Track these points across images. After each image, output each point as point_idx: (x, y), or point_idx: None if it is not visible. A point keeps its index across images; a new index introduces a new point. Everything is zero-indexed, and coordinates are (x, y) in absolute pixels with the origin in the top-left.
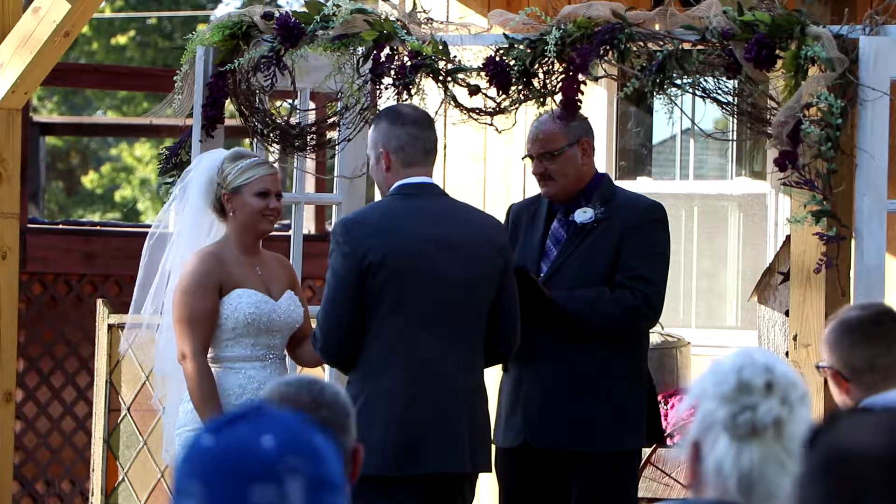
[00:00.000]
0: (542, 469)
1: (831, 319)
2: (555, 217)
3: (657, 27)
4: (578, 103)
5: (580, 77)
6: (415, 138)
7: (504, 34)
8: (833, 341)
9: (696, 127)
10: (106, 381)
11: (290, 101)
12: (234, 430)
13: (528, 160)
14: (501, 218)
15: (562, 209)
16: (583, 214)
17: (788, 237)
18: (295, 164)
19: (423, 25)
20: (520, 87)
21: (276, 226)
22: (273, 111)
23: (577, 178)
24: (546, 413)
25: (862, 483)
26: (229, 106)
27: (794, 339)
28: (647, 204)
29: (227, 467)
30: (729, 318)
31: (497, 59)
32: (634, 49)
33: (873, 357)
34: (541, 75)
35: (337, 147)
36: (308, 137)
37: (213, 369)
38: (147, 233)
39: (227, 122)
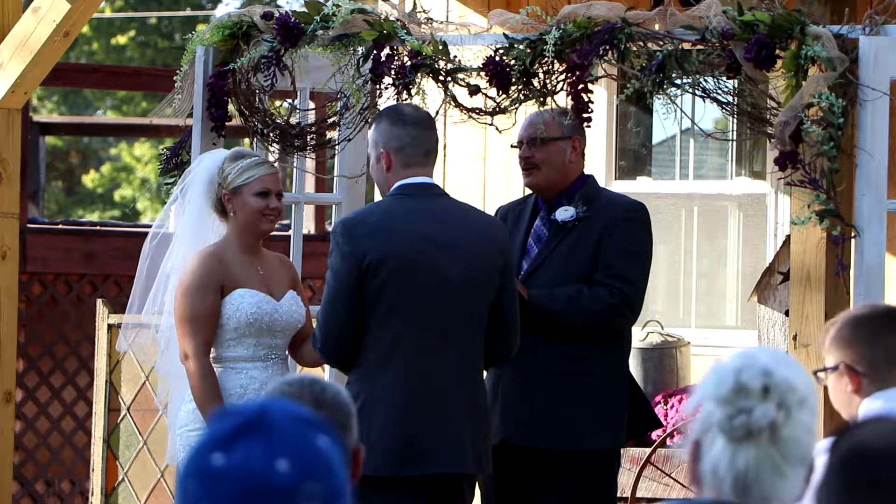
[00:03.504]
0: (521, 467)
1: (836, 321)
2: (538, 216)
3: (657, 27)
4: (589, 107)
5: (584, 78)
6: (415, 139)
7: (504, 34)
8: (848, 336)
9: (696, 127)
10: (106, 381)
11: (290, 101)
12: (244, 448)
13: (517, 149)
14: None
15: (545, 208)
16: (564, 213)
17: (788, 237)
18: (295, 164)
19: (423, 25)
20: (520, 87)
21: (276, 226)
22: (273, 111)
23: (562, 172)
24: (523, 412)
25: (877, 474)
26: (229, 105)
27: (794, 338)
28: (628, 203)
29: (243, 496)
30: (729, 318)
31: (497, 58)
32: (634, 49)
33: (893, 348)
34: (541, 75)
35: (337, 147)
36: (308, 137)
37: (214, 369)
38: (147, 233)
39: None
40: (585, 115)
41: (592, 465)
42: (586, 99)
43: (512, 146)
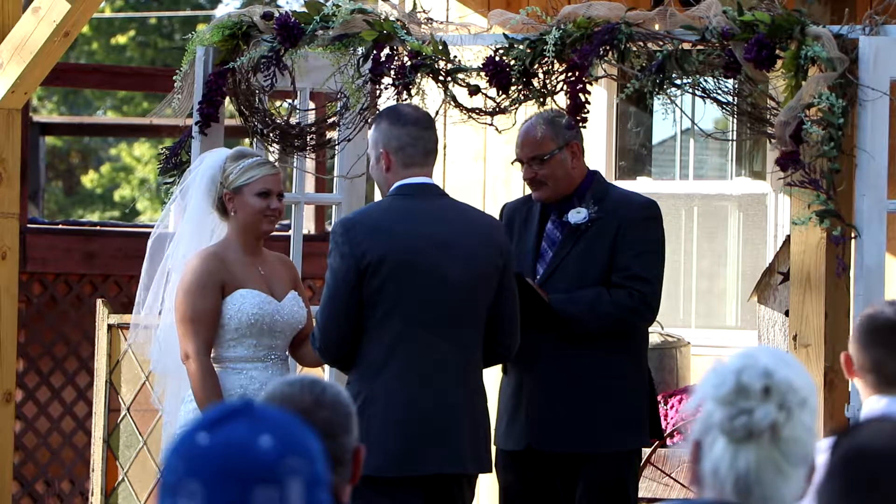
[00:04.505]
0: (545, 471)
1: (868, 308)
2: (548, 218)
3: (657, 27)
4: (587, 106)
5: (583, 78)
6: (415, 139)
7: (504, 34)
8: (855, 332)
9: (696, 127)
10: (106, 381)
11: (290, 101)
12: (229, 428)
13: (517, 164)
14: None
15: (555, 210)
16: (577, 215)
17: (788, 237)
18: (295, 164)
19: (422, 25)
20: (520, 87)
21: (276, 226)
22: (273, 111)
23: (568, 181)
24: (549, 416)
25: (878, 473)
26: (229, 105)
27: (794, 339)
28: (642, 202)
29: (227, 468)
30: (729, 318)
31: (497, 59)
32: (634, 49)
33: (880, 362)
34: (541, 75)
35: (337, 147)
36: (308, 137)
37: (215, 369)
38: (147, 233)
39: (228, 122)
40: (581, 116)
41: (616, 466)
42: (584, 99)
43: (512, 163)
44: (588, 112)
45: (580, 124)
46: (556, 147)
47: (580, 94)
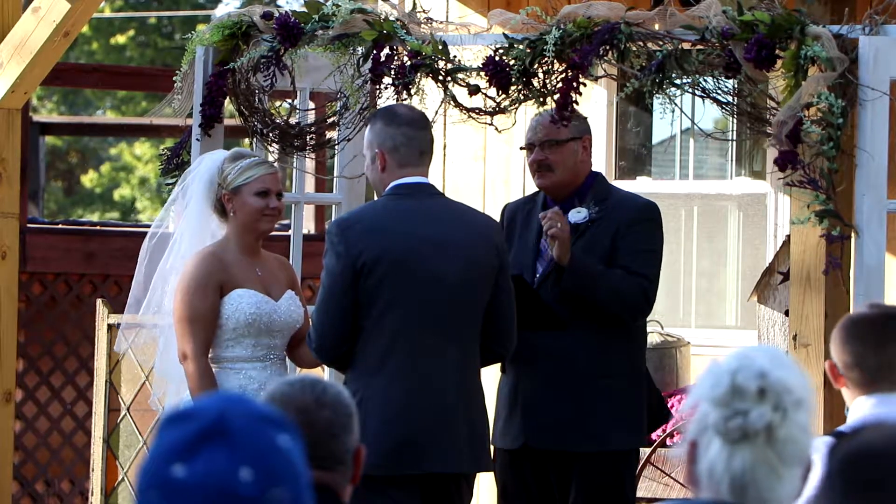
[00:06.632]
0: (541, 470)
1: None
2: None
3: (657, 27)
4: (574, 104)
5: (580, 78)
6: (410, 139)
7: (504, 34)
8: (834, 335)
9: (695, 127)
10: (106, 381)
11: (289, 101)
12: (206, 458)
13: (524, 153)
14: (498, 217)
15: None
16: (577, 214)
17: (788, 237)
18: (295, 164)
19: (422, 25)
20: (519, 87)
21: (275, 226)
22: (273, 111)
23: (574, 173)
24: (546, 414)
25: (879, 474)
26: (229, 106)
27: (794, 339)
28: (642, 203)
29: None
30: (729, 318)
31: (497, 58)
32: (634, 49)
33: (860, 356)
34: (540, 75)
35: (337, 147)
36: (308, 137)
37: (213, 369)
38: (147, 232)
39: (227, 122)
40: (566, 114)
41: (614, 465)
42: (573, 98)
43: (521, 148)
44: (574, 110)
45: (562, 122)
46: (570, 135)
47: (571, 94)
